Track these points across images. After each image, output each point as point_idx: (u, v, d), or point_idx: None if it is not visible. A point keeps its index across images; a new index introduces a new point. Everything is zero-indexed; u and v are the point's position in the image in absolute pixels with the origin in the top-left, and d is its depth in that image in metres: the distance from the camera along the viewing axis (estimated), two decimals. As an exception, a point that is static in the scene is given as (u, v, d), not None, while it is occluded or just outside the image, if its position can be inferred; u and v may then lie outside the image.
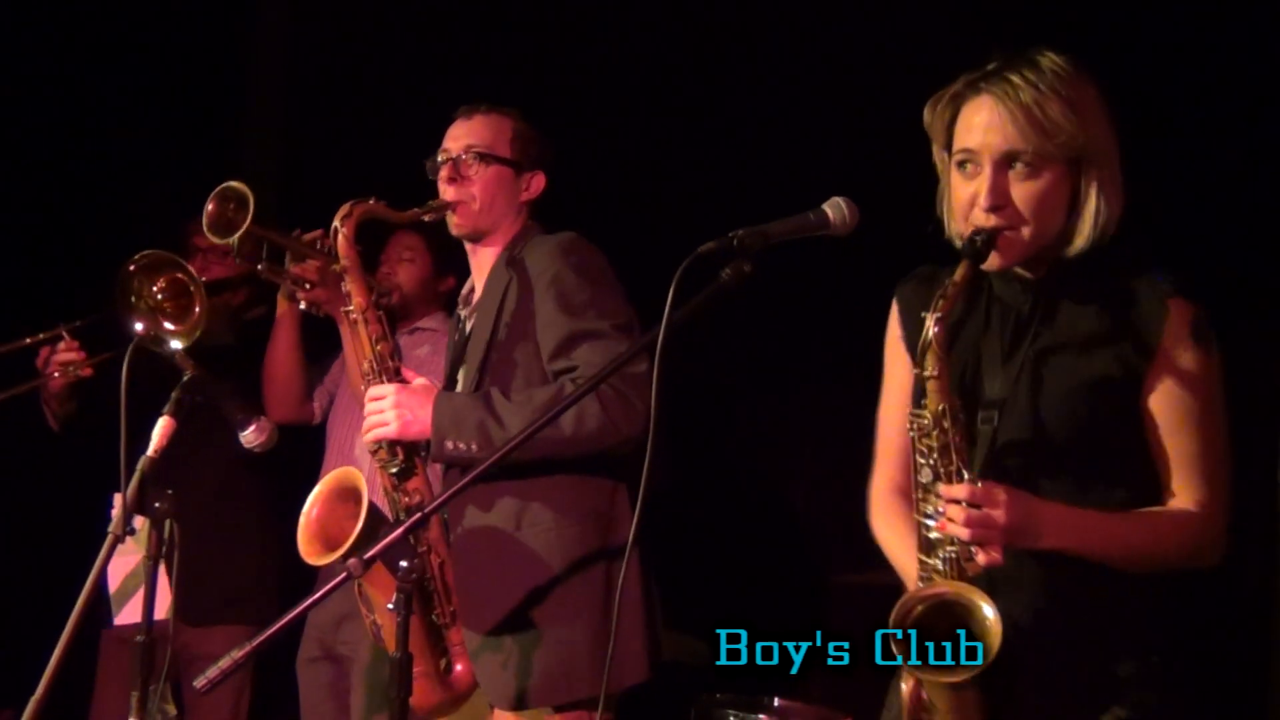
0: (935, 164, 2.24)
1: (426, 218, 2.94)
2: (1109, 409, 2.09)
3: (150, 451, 2.68)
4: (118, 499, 2.73)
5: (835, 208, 2.22)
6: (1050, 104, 2.05)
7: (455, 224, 2.94)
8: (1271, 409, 3.50)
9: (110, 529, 2.66)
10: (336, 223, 2.86)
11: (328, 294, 3.24)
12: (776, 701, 3.54)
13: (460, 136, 2.96)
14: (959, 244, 2.13)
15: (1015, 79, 2.07)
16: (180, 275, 3.37)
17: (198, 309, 3.34)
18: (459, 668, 2.75)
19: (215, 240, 3.12)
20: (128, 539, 2.70)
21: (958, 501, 1.97)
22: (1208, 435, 2.10)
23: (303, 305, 3.33)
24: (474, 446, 2.67)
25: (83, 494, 3.85)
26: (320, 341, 3.62)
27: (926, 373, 2.03)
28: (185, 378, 2.81)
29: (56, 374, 3.65)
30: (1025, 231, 2.09)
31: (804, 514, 4.17)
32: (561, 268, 2.81)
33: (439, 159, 2.96)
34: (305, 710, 3.72)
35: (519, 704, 2.70)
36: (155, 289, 3.38)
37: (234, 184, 3.03)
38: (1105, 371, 2.08)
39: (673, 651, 2.90)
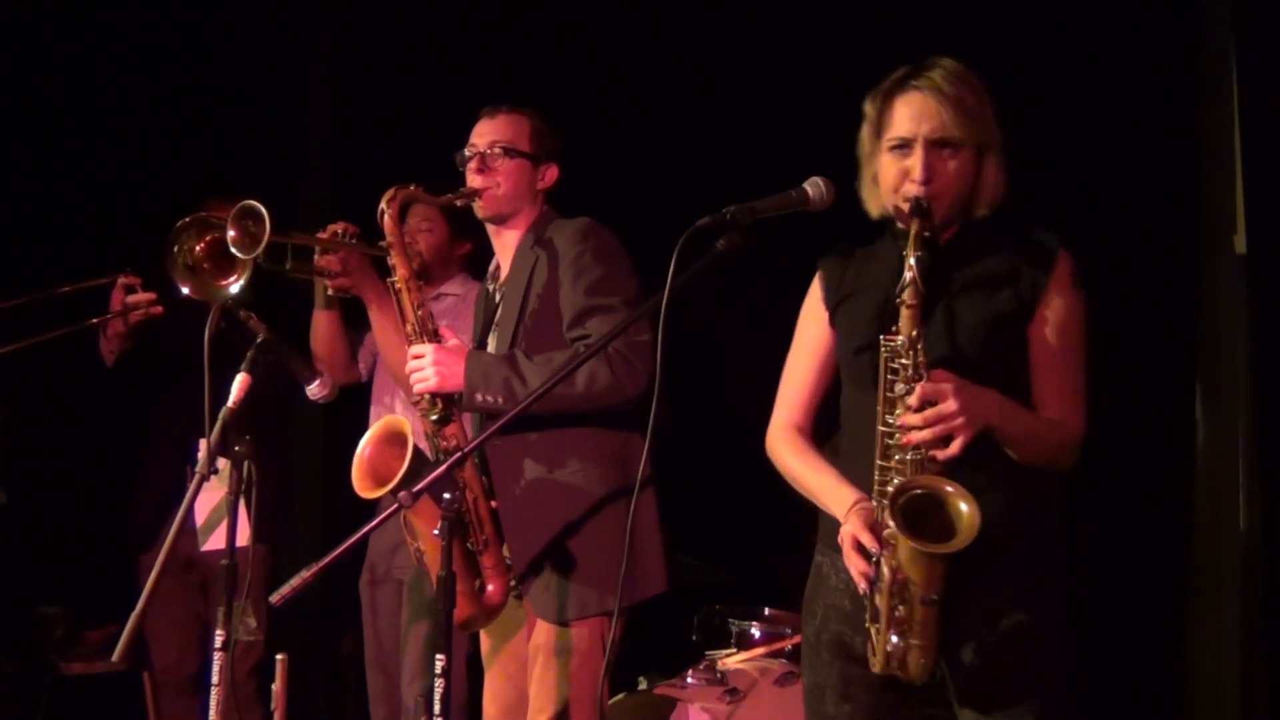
0: (859, 146, 2.28)
1: (458, 203, 2.90)
2: (1008, 337, 2.18)
3: (230, 403, 2.67)
4: (203, 443, 2.70)
5: (814, 186, 2.25)
6: (965, 95, 2.18)
7: (481, 208, 2.92)
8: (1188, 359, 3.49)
9: (197, 469, 2.64)
10: (383, 205, 2.81)
11: (352, 280, 3.15)
12: (767, 610, 3.56)
13: (486, 133, 2.93)
14: (894, 211, 2.21)
15: (934, 76, 2.19)
16: (222, 236, 3.26)
17: (238, 269, 3.26)
18: (490, 588, 2.75)
19: (244, 257, 2.97)
20: (212, 478, 2.67)
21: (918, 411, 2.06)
22: (1077, 362, 2.21)
23: (330, 292, 3.24)
24: (500, 399, 2.67)
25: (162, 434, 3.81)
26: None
27: (905, 300, 2.08)
28: (259, 339, 2.79)
29: (132, 315, 3.53)
30: (948, 199, 2.19)
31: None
32: (582, 250, 2.80)
33: (467, 153, 2.92)
34: (370, 625, 3.73)
35: (561, 617, 2.72)
36: (198, 249, 3.31)
37: (246, 203, 2.91)
38: (1005, 308, 2.18)
39: (677, 569, 2.89)
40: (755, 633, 3.51)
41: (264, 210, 2.88)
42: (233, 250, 2.94)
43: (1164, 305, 3.56)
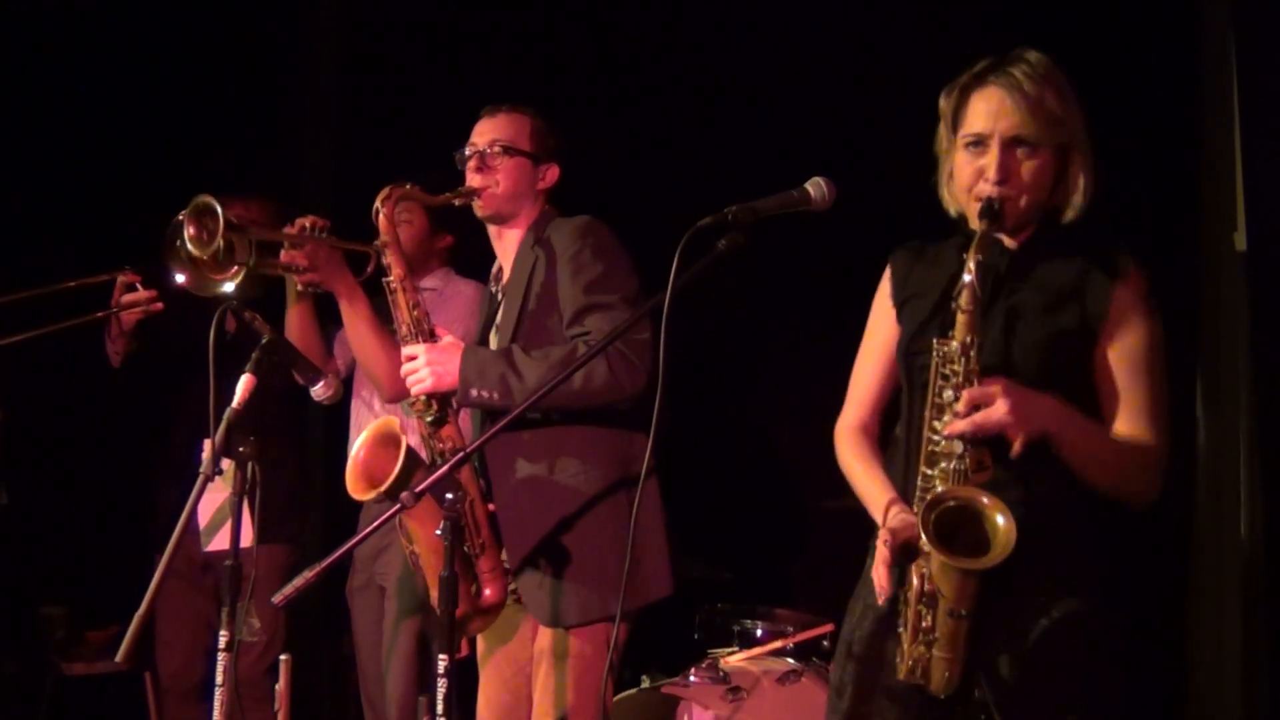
0: (937, 144, 2.25)
1: (456, 202, 2.88)
2: (1067, 356, 2.12)
3: (235, 404, 2.66)
4: (207, 444, 2.70)
5: (815, 186, 2.25)
6: (1048, 95, 2.10)
7: (480, 207, 2.91)
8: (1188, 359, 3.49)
9: (201, 470, 2.64)
10: (378, 204, 2.81)
11: (321, 275, 3.08)
12: (769, 609, 3.58)
13: (486, 132, 2.92)
14: (967, 211, 2.17)
15: (1016, 73, 2.12)
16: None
17: (238, 262, 3.27)
18: (488, 592, 2.74)
19: (199, 254, 2.96)
20: (216, 479, 2.67)
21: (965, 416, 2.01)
22: (1157, 384, 2.13)
23: (300, 288, 3.18)
24: (495, 395, 2.66)
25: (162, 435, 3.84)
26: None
27: (962, 305, 2.03)
28: (264, 340, 2.79)
29: (130, 313, 3.56)
30: (1023, 201, 2.13)
31: (789, 450, 4.17)
32: (581, 247, 2.79)
33: (467, 151, 2.91)
34: (356, 630, 3.74)
35: (559, 620, 2.71)
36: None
37: (200, 199, 2.89)
38: (1067, 325, 2.12)
39: (682, 569, 2.90)
40: (757, 631, 3.53)
41: (218, 206, 2.87)
42: (189, 248, 2.93)
43: (1164, 304, 3.57)
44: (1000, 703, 2.10)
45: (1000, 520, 1.96)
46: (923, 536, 1.99)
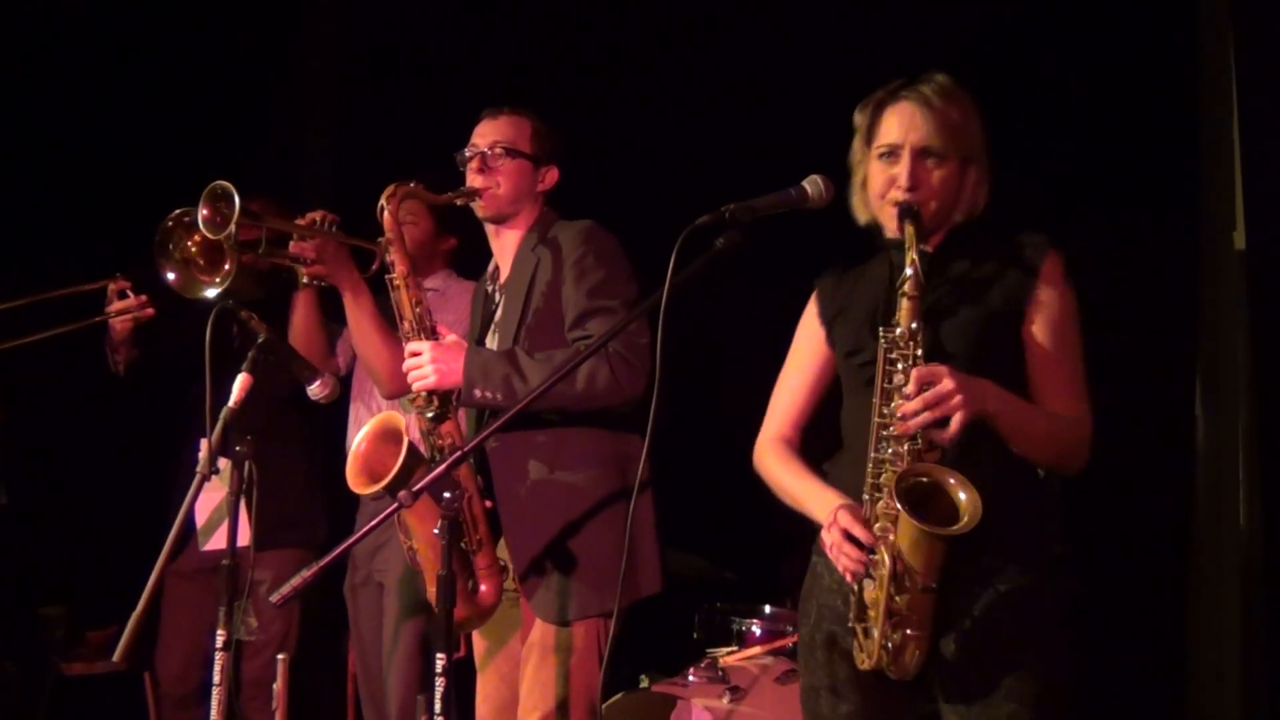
0: (850, 155, 2.33)
1: (458, 202, 2.90)
2: (998, 337, 2.21)
3: (231, 403, 2.68)
4: (204, 443, 2.71)
5: (813, 184, 2.26)
6: (953, 111, 2.24)
7: (481, 208, 2.92)
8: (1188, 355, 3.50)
9: (198, 469, 2.65)
10: (383, 201, 2.81)
11: (328, 268, 3.09)
12: (768, 608, 3.58)
13: (487, 133, 2.94)
14: (880, 217, 2.27)
15: (925, 90, 2.25)
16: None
17: (228, 264, 3.26)
18: (484, 588, 2.75)
19: (212, 236, 2.97)
20: (213, 478, 2.67)
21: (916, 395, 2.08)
22: (1076, 359, 2.23)
23: (305, 280, 3.19)
24: (499, 395, 2.68)
25: (161, 435, 3.84)
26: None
27: (906, 291, 2.12)
28: (260, 339, 2.80)
29: (122, 319, 3.57)
30: (933, 206, 2.24)
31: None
32: (584, 252, 2.81)
33: (468, 153, 2.93)
34: (354, 628, 3.73)
35: (562, 618, 2.72)
36: (190, 243, 3.31)
37: (219, 183, 2.88)
38: (993, 308, 2.22)
39: (678, 568, 2.90)
40: (756, 630, 3.54)
41: (234, 191, 2.86)
42: (202, 228, 2.92)
43: (1163, 302, 3.57)
44: (944, 681, 2.15)
45: (963, 495, 2.03)
46: (893, 510, 2.05)
